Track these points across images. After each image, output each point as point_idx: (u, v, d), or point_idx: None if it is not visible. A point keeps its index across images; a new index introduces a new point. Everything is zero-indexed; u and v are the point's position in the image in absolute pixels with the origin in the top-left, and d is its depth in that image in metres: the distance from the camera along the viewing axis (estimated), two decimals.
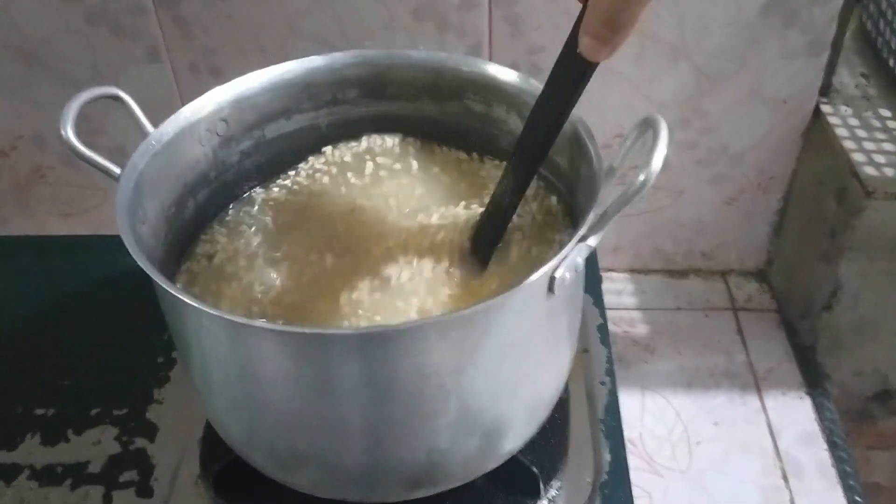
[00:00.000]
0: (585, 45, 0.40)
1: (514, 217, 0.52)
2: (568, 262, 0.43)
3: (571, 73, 0.43)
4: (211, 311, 0.40)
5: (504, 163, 0.60)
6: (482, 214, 0.52)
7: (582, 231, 0.44)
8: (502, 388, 0.46)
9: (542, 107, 0.47)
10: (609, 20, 0.38)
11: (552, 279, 0.43)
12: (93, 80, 0.78)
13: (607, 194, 0.46)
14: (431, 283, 0.50)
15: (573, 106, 0.46)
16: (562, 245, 0.44)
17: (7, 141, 0.84)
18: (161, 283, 0.41)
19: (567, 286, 0.44)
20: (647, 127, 0.45)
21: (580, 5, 0.41)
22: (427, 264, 0.51)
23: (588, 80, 0.44)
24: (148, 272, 0.41)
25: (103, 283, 0.75)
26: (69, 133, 0.48)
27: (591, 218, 0.44)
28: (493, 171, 0.60)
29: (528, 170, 0.49)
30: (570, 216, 0.56)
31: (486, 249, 0.52)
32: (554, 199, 0.57)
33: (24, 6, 0.74)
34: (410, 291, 0.49)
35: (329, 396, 0.43)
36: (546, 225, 0.56)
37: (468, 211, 0.55)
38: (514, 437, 0.50)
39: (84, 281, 0.76)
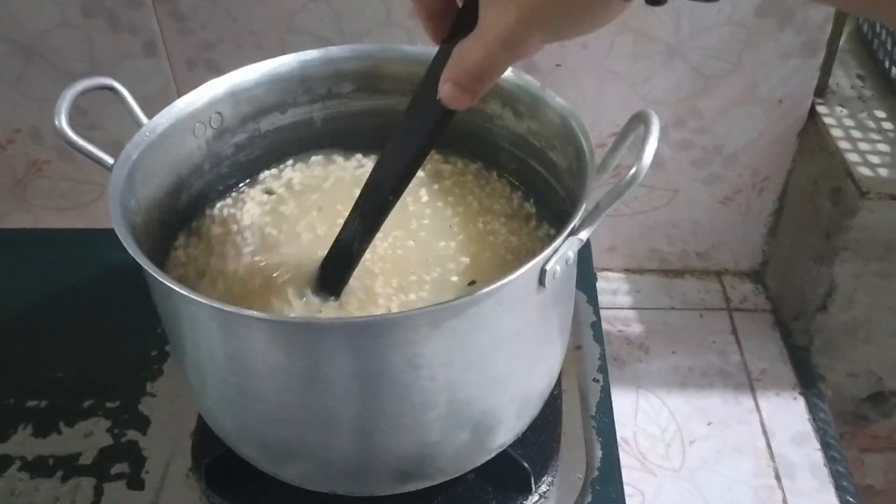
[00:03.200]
0: (448, 93, 0.40)
1: None
2: (559, 255, 0.43)
3: (427, 119, 0.42)
4: (201, 300, 0.40)
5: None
6: (328, 252, 0.50)
7: (573, 224, 0.44)
8: (493, 381, 0.46)
9: (394, 153, 0.45)
10: (476, 73, 0.38)
11: (543, 272, 0.43)
12: (90, 74, 0.77)
13: (601, 190, 0.46)
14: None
15: (427, 153, 0.44)
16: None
17: (4, 134, 0.84)
18: (152, 273, 0.41)
19: (558, 280, 0.45)
20: (639, 122, 0.45)
21: None
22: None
23: (445, 128, 0.42)
24: (139, 261, 0.42)
25: (98, 277, 0.75)
26: (63, 123, 0.49)
27: (582, 211, 0.44)
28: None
29: (377, 216, 0.47)
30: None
31: (334, 284, 0.50)
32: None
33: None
34: None
35: (319, 387, 0.43)
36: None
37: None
38: (505, 431, 0.50)
39: (78, 274, 0.76)
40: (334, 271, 0.49)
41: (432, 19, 0.42)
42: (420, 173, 0.61)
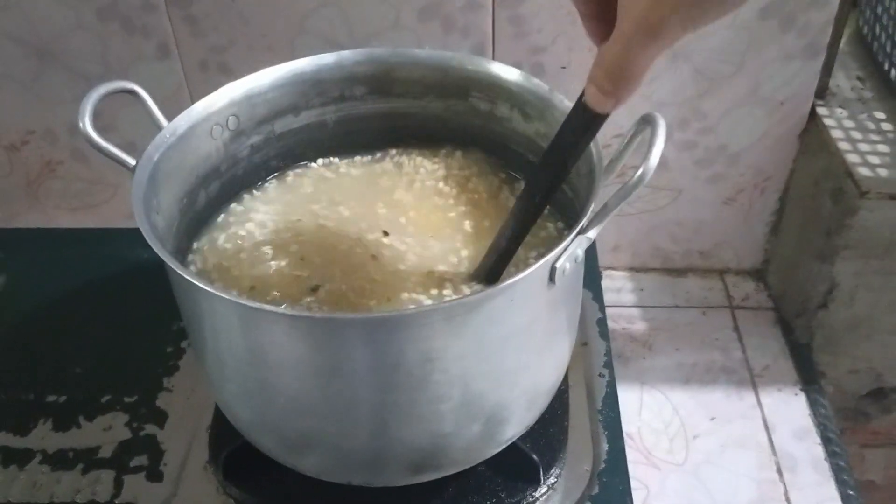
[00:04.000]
0: (590, 96, 0.39)
1: None
2: (568, 253, 0.45)
3: (578, 122, 0.42)
4: (224, 296, 0.41)
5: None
6: (484, 256, 0.52)
7: (582, 223, 0.45)
8: (504, 374, 0.47)
9: (549, 154, 0.46)
10: (613, 72, 0.37)
11: (553, 269, 0.45)
12: (104, 76, 0.79)
13: (608, 191, 0.47)
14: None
15: (579, 155, 0.45)
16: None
17: (18, 136, 0.85)
18: (176, 269, 0.42)
19: (567, 277, 0.46)
20: (646, 124, 0.46)
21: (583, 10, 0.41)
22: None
23: (596, 131, 0.43)
24: (164, 258, 0.43)
25: (113, 275, 0.77)
26: (87, 125, 0.50)
27: (590, 211, 0.46)
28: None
29: (531, 215, 0.48)
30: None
31: (488, 279, 0.52)
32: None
33: (36, 2, 0.75)
34: None
35: (337, 380, 0.44)
36: None
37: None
38: (515, 424, 0.52)
39: (93, 273, 0.78)
40: (492, 269, 0.51)
41: (591, 20, 0.40)
42: (434, 167, 0.62)
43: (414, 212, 0.58)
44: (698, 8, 0.33)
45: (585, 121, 0.42)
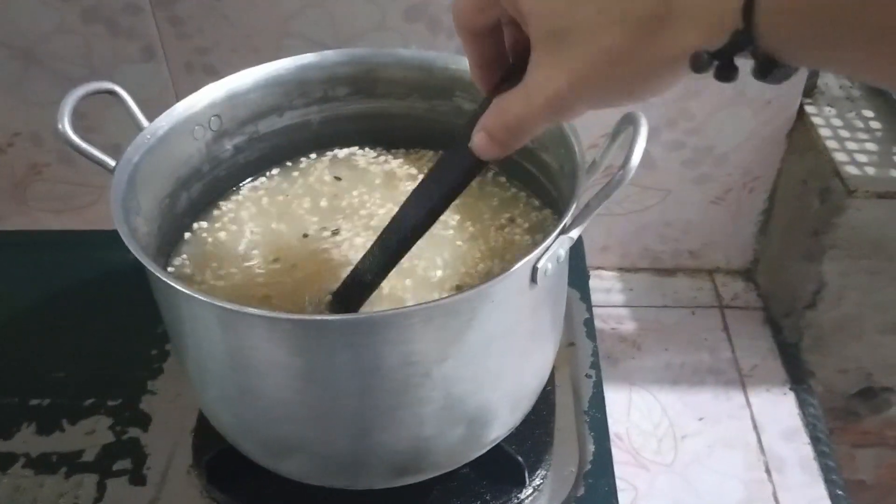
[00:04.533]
0: (479, 142, 0.39)
1: None
2: (550, 253, 0.45)
3: (458, 164, 0.42)
4: (202, 298, 0.41)
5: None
6: (344, 280, 0.50)
7: (564, 223, 0.45)
8: (487, 377, 0.47)
9: (421, 193, 0.45)
10: (512, 128, 0.38)
11: (535, 269, 0.44)
12: (88, 78, 0.78)
13: (591, 191, 0.47)
14: None
15: (454, 198, 0.44)
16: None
17: (3, 138, 0.85)
18: (155, 272, 0.42)
19: (550, 277, 0.46)
20: (628, 123, 0.46)
21: None
22: None
23: (475, 175, 0.42)
24: (142, 261, 0.43)
25: (97, 278, 0.76)
26: (66, 126, 0.49)
27: (572, 211, 0.46)
28: None
29: (395, 252, 0.46)
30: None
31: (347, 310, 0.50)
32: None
33: (21, 4, 0.75)
34: None
35: (316, 383, 0.44)
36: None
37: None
38: (499, 426, 0.52)
39: (78, 275, 0.77)
40: (348, 300, 0.49)
41: (483, 69, 0.41)
42: (414, 171, 0.62)
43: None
44: (607, 98, 0.35)
45: (471, 165, 0.41)
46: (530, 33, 0.35)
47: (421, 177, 0.60)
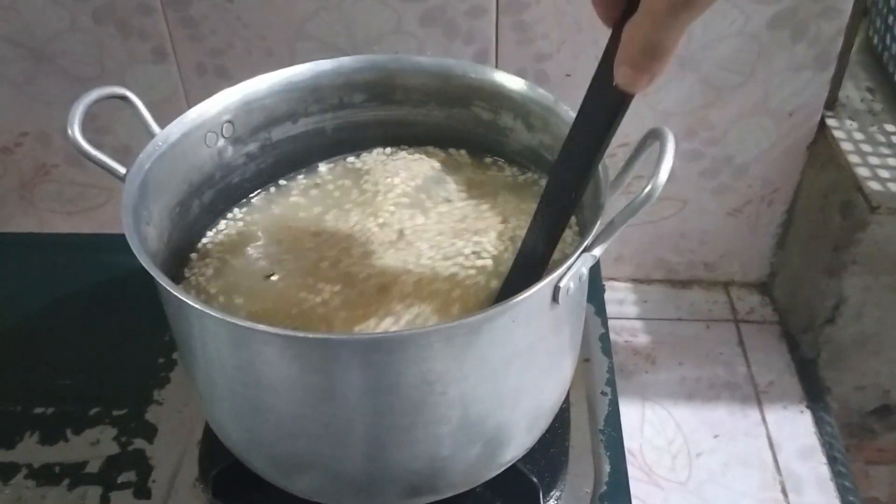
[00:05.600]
0: (623, 76, 0.38)
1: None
2: (572, 272, 0.43)
3: (604, 108, 0.40)
4: (215, 314, 0.40)
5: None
6: (510, 270, 0.49)
7: (587, 241, 0.44)
8: (505, 397, 0.46)
9: (572, 148, 0.43)
10: (647, 48, 0.36)
11: (556, 289, 0.43)
12: (99, 79, 0.78)
13: (611, 205, 0.46)
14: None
15: (607, 145, 0.42)
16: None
17: (12, 138, 0.84)
18: (165, 285, 0.41)
19: (571, 296, 0.44)
20: (654, 138, 0.45)
21: (591, 16, 0.40)
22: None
23: (623, 115, 0.41)
24: (152, 274, 0.41)
25: (105, 283, 0.75)
26: (76, 132, 0.48)
27: (596, 228, 0.44)
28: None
29: (559, 218, 0.45)
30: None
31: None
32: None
33: (33, 3, 0.74)
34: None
35: (332, 402, 0.43)
36: None
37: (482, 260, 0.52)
38: (516, 446, 0.50)
39: (86, 279, 0.76)
40: (525, 279, 0.46)
41: (605, 2, 0.38)
42: (439, 173, 0.60)
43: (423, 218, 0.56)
44: None
45: (615, 104, 0.40)
46: None
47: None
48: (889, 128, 0.78)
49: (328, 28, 0.74)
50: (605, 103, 0.40)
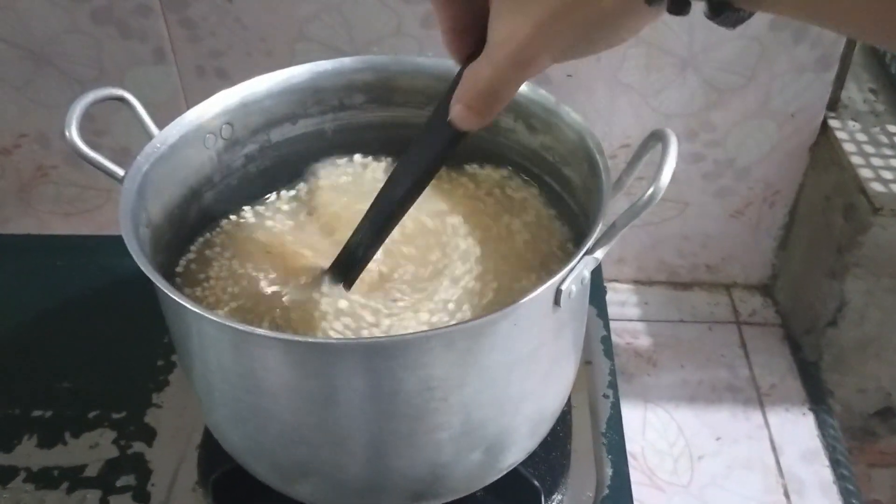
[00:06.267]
0: (457, 113, 0.39)
1: None
2: (574, 275, 0.43)
3: (439, 138, 0.42)
4: (214, 318, 0.39)
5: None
6: (338, 255, 0.51)
7: (588, 244, 0.43)
8: (507, 401, 0.45)
9: (405, 168, 0.46)
10: (484, 93, 0.37)
11: (558, 292, 0.43)
12: (98, 80, 0.78)
13: (613, 207, 0.45)
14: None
15: (436, 171, 0.44)
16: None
17: (11, 139, 0.83)
18: (163, 288, 0.40)
19: (573, 299, 0.44)
20: (656, 140, 0.44)
21: None
22: None
23: (455, 148, 0.42)
24: (150, 276, 0.41)
25: (104, 285, 0.75)
26: (73, 134, 0.48)
27: (597, 231, 0.44)
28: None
29: (384, 226, 0.47)
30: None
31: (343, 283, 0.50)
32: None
33: (31, 4, 0.73)
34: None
35: (332, 408, 0.42)
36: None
37: None
38: (517, 451, 0.50)
39: (85, 281, 0.76)
40: (343, 273, 0.50)
41: (455, 34, 0.40)
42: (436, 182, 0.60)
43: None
44: (572, 47, 0.35)
45: (448, 137, 0.41)
46: None
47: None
48: (892, 129, 0.78)
49: (328, 29, 0.73)
50: (441, 134, 0.42)
